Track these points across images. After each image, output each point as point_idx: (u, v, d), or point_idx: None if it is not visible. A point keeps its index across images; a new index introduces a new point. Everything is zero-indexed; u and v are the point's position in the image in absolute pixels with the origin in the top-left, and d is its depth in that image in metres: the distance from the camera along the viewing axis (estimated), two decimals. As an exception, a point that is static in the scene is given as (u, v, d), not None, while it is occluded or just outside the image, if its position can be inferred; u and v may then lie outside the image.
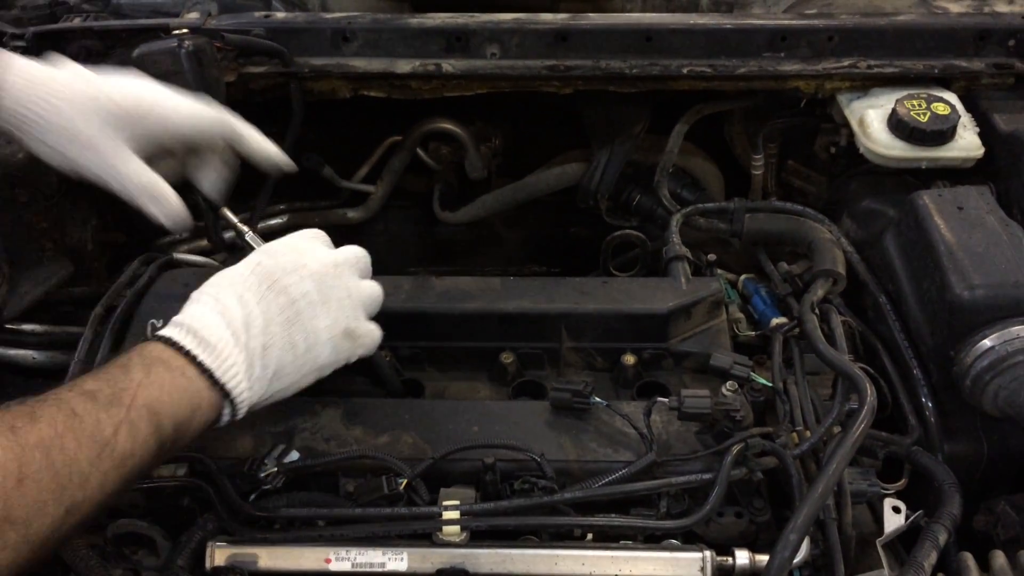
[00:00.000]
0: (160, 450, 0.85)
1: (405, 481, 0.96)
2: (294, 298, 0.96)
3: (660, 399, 1.02)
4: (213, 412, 0.90)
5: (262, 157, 1.13)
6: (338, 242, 1.65)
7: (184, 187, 1.56)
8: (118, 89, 1.03)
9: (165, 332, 0.91)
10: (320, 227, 1.59)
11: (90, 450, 0.78)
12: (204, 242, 1.57)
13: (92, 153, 1.01)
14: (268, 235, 1.55)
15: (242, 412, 0.91)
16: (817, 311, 1.17)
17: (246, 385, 0.90)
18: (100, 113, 1.01)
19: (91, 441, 0.79)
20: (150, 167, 1.05)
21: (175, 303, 1.12)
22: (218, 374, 0.88)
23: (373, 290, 1.03)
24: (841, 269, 1.23)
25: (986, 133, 1.30)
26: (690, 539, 0.98)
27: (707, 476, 0.97)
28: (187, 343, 0.89)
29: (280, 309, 0.95)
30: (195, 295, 0.96)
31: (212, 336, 0.90)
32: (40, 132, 1.01)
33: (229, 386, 0.89)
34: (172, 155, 1.11)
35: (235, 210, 1.58)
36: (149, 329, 1.11)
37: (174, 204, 1.05)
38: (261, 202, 1.47)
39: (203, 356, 0.88)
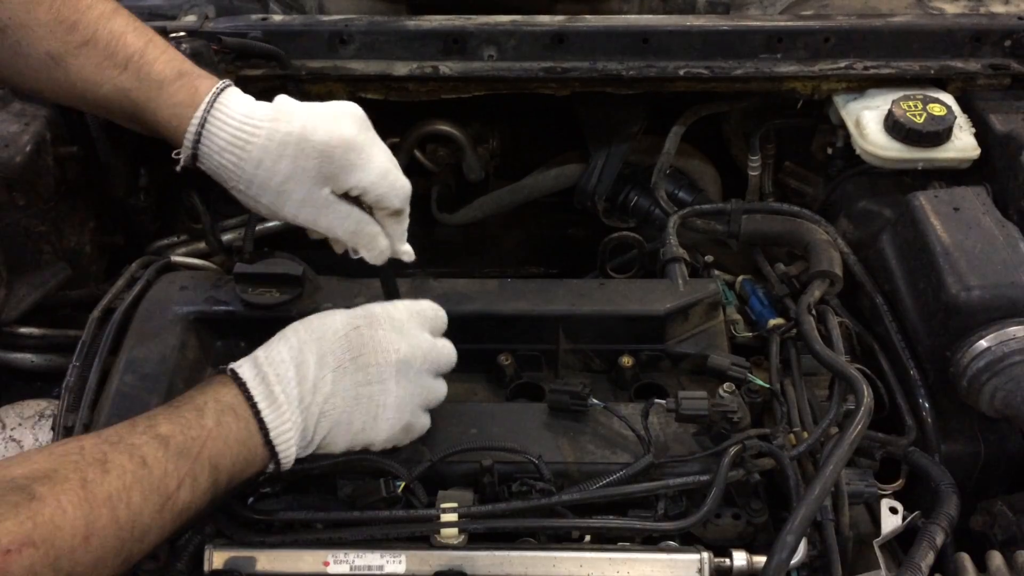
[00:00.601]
0: (213, 500, 0.88)
1: (403, 484, 0.97)
2: (370, 379, 0.96)
3: (658, 401, 1.02)
4: (261, 467, 0.92)
5: (396, 245, 1.08)
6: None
7: (179, 189, 1.57)
8: (324, 142, 0.97)
9: (244, 373, 0.92)
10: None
11: (154, 505, 0.80)
12: (202, 245, 1.57)
13: (296, 204, 0.99)
14: (266, 239, 1.56)
15: (284, 468, 0.93)
16: (814, 312, 1.17)
17: (294, 451, 0.92)
18: (300, 166, 0.97)
19: (156, 495, 0.81)
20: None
21: (173, 307, 1.14)
22: (273, 435, 0.90)
23: (442, 392, 1.02)
24: (838, 270, 1.23)
25: (982, 134, 1.31)
26: (688, 540, 0.98)
27: (705, 478, 0.97)
28: (257, 394, 0.91)
29: (353, 385, 0.95)
30: (288, 332, 0.96)
31: (281, 392, 0.91)
32: (242, 184, 0.99)
33: (279, 449, 0.91)
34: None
35: (233, 213, 1.59)
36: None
37: (382, 244, 1.04)
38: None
39: (266, 413, 0.90)
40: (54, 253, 1.30)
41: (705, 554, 0.95)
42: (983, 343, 1.06)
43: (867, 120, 1.32)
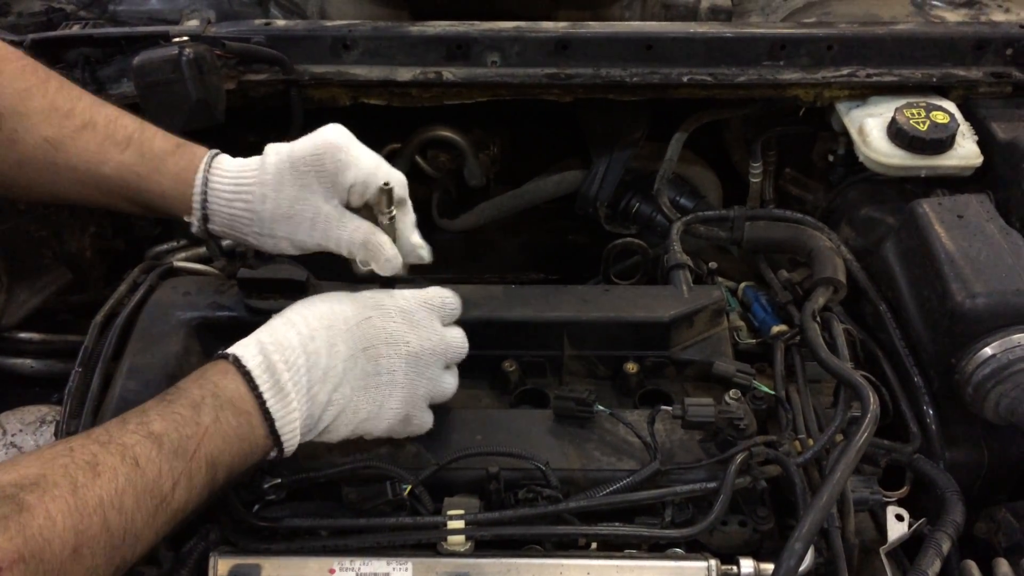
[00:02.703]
0: (210, 496, 0.86)
1: (409, 487, 0.96)
2: (379, 371, 0.96)
3: (664, 407, 1.02)
4: (261, 456, 0.90)
5: (411, 237, 1.08)
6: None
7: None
8: (311, 151, 1.00)
9: (249, 361, 0.89)
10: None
11: (148, 508, 0.78)
12: (202, 249, 1.57)
13: (308, 227, 1.00)
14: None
15: (286, 456, 0.92)
16: (818, 319, 1.17)
17: (298, 439, 0.91)
18: (300, 184, 0.99)
19: (149, 498, 0.78)
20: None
21: (176, 312, 1.13)
22: (279, 424, 0.89)
23: (451, 386, 1.02)
24: (842, 277, 1.23)
25: (984, 142, 1.31)
26: (694, 548, 0.98)
27: (711, 485, 0.97)
28: (263, 385, 0.88)
29: (362, 375, 0.95)
30: (294, 315, 0.95)
31: (289, 380, 0.89)
32: (255, 226, 1.02)
33: (284, 438, 0.90)
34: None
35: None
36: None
37: (391, 253, 1.02)
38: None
39: (272, 404, 0.88)
40: (54, 258, 1.30)
41: (712, 561, 0.95)
42: (988, 350, 1.06)
43: (870, 127, 1.32)
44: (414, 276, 1.64)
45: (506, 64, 1.36)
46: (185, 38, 1.30)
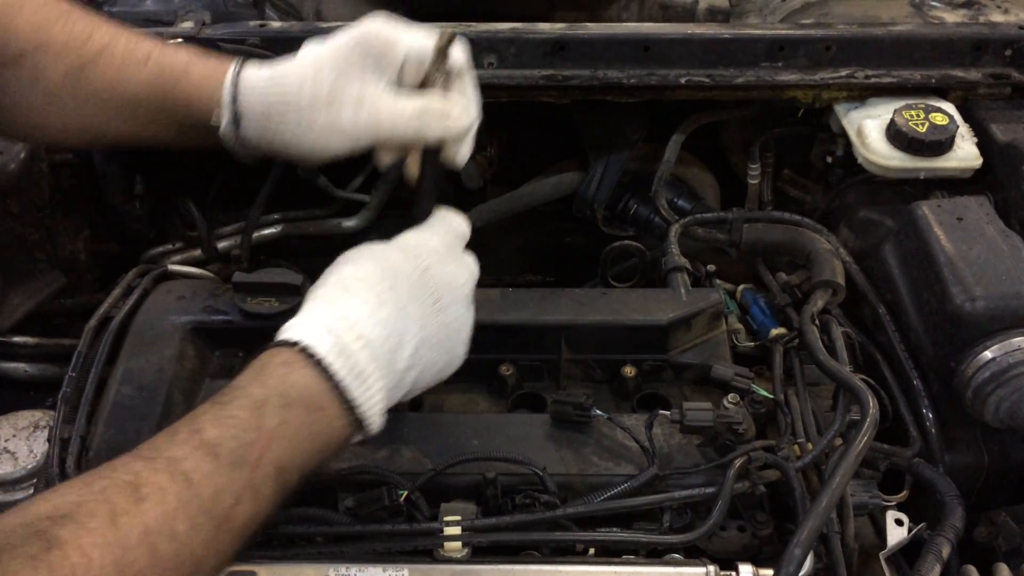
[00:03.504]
0: (280, 504, 0.76)
1: (405, 493, 0.95)
2: (449, 321, 0.89)
3: (662, 412, 1.01)
4: (340, 447, 0.82)
5: (472, 108, 0.97)
6: (334, 252, 1.65)
7: (175, 196, 1.55)
8: (354, 36, 0.93)
9: (320, 348, 0.79)
10: (315, 237, 1.60)
11: (206, 530, 0.67)
12: (197, 252, 1.56)
13: (352, 109, 0.91)
14: (263, 246, 1.55)
15: (369, 437, 0.84)
16: (817, 322, 1.16)
17: (381, 419, 0.83)
18: (342, 66, 0.92)
19: (207, 518, 0.68)
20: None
21: (170, 316, 1.12)
22: (362, 411, 0.80)
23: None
24: (840, 280, 1.22)
25: (984, 143, 1.30)
26: (693, 553, 0.97)
27: (710, 490, 0.96)
28: (341, 371, 0.79)
29: (437, 330, 0.88)
30: (352, 283, 0.85)
31: (367, 359, 0.80)
32: (292, 115, 0.93)
33: (368, 422, 0.81)
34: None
35: (229, 219, 1.58)
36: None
37: (455, 112, 0.92)
38: (255, 211, 1.46)
39: (353, 390, 0.79)
40: (48, 261, 1.29)
41: (711, 567, 0.94)
42: (988, 354, 1.05)
43: (869, 129, 1.31)
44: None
45: (503, 66, 1.35)
46: (180, 40, 1.29)
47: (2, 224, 1.23)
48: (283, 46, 1.34)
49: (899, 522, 1.02)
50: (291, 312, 1.10)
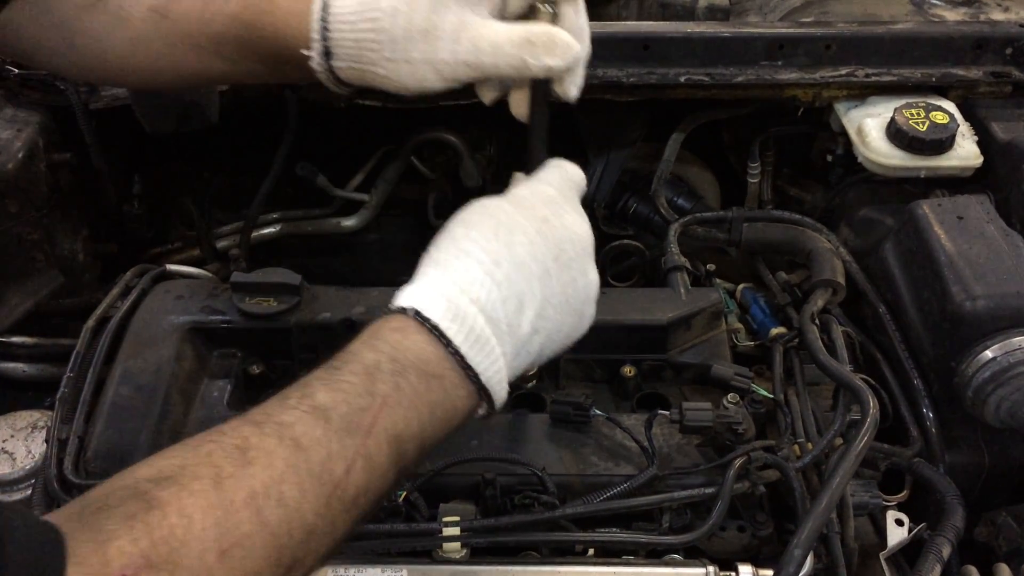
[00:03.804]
0: (398, 477, 0.72)
1: (404, 493, 0.95)
2: (574, 277, 0.81)
3: (661, 412, 1.01)
4: (464, 418, 0.76)
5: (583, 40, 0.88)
6: (333, 252, 1.65)
7: (177, 195, 1.55)
8: None
9: (433, 312, 0.73)
10: (314, 236, 1.60)
11: (316, 498, 0.64)
12: (196, 252, 1.56)
13: (450, 39, 0.83)
14: (262, 245, 1.55)
15: (497, 409, 0.77)
16: (817, 321, 1.16)
17: (506, 384, 0.76)
18: None
19: (318, 484, 0.64)
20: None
21: (169, 316, 1.12)
22: (484, 378, 0.74)
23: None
24: (840, 279, 1.22)
25: (984, 142, 1.30)
26: (692, 554, 0.97)
27: (710, 490, 0.96)
28: (457, 337, 0.73)
29: (560, 288, 0.79)
30: (464, 243, 0.78)
31: (485, 324, 0.74)
32: (387, 48, 0.85)
33: (494, 391, 0.75)
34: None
35: (228, 219, 1.58)
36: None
37: (562, 36, 0.83)
38: (254, 211, 1.45)
39: (472, 356, 0.73)
40: (47, 261, 1.29)
41: (710, 567, 0.94)
42: (988, 353, 1.05)
43: (869, 128, 1.31)
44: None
45: (502, 64, 1.35)
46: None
47: (0, 224, 1.22)
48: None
49: (899, 522, 1.02)
50: (289, 312, 1.11)
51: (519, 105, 0.92)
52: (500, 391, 0.76)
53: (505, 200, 0.83)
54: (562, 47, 0.83)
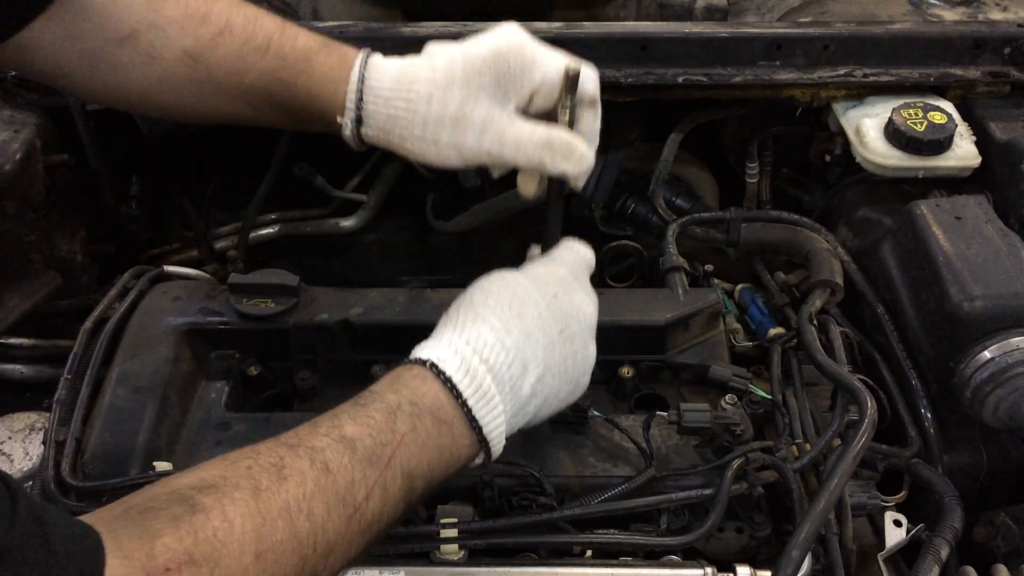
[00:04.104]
0: (407, 509, 0.80)
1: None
2: (576, 350, 0.90)
3: (659, 413, 1.01)
4: (464, 464, 0.84)
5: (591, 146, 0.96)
6: (331, 252, 1.64)
7: (172, 196, 1.55)
8: (492, 50, 0.91)
9: (447, 366, 0.82)
10: (312, 236, 1.60)
11: (339, 518, 0.72)
12: (194, 253, 1.56)
13: (477, 131, 0.90)
14: (260, 246, 1.55)
15: (494, 459, 0.86)
16: (815, 322, 1.16)
17: (504, 439, 0.85)
18: (475, 85, 0.90)
19: (341, 506, 0.72)
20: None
21: (166, 318, 1.12)
22: (486, 431, 0.82)
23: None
24: (839, 279, 1.22)
25: (982, 142, 1.30)
26: (690, 555, 0.97)
27: (708, 491, 0.96)
28: (466, 390, 0.82)
29: (562, 358, 0.89)
30: (482, 310, 0.86)
31: (492, 383, 0.83)
32: (417, 128, 0.91)
33: (492, 442, 0.83)
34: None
35: (226, 220, 1.58)
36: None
37: (579, 147, 0.91)
38: (252, 211, 1.45)
39: (478, 409, 0.82)
40: (44, 262, 1.29)
41: (708, 569, 0.94)
42: (987, 354, 1.05)
43: (867, 128, 1.31)
44: (409, 279, 1.64)
45: (500, 65, 1.35)
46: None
47: (-2, 226, 1.22)
48: (279, 46, 1.34)
49: (898, 523, 1.02)
50: (286, 313, 1.11)
51: (526, 186, 0.98)
52: (498, 443, 0.84)
53: (522, 274, 0.92)
54: (578, 156, 0.91)
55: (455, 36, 1.32)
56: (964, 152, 1.28)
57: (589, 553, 0.97)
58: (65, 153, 1.30)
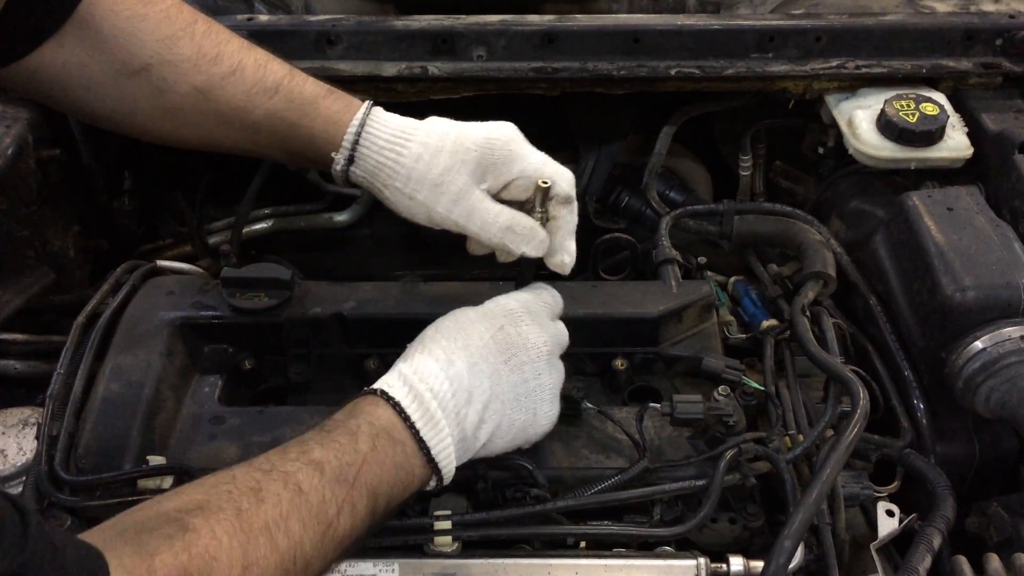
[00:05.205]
0: (372, 526, 0.85)
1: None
2: (526, 378, 0.94)
3: (652, 404, 1.01)
4: (421, 485, 0.89)
5: (564, 240, 1.02)
6: (325, 247, 1.64)
7: (165, 191, 1.55)
8: (483, 136, 0.99)
9: (396, 392, 0.89)
10: (306, 231, 1.60)
11: (314, 532, 0.78)
12: (187, 248, 1.56)
13: (451, 199, 0.97)
14: (253, 241, 1.55)
15: (445, 483, 0.90)
16: (808, 313, 1.16)
17: (455, 464, 0.90)
18: (460, 158, 0.97)
19: (315, 522, 0.78)
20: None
21: (159, 312, 1.12)
22: (434, 452, 0.88)
23: (563, 375, 1.00)
24: (831, 271, 1.22)
25: (974, 133, 1.30)
26: (684, 546, 0.97)
27: (701, 482, 0.96)
28: (414, 414, 0.88)
29: (511, 387, 0.93)
30: (429, 343, 0.93)
31: (437, 408, 0.88)
32: (399, 180, 0.98)
33: (441, 464, 0.88)
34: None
35: (219, 214, 1.57)
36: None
37: (540, 234, 0.99)
38: (246, 207, 1.45)
39: (425, 432, 0.87)
40: (37, 258, 1.28)
41: (701, 559, 0.94)
42: (978, 344, 1.05)
43: (860, 120, 1.31)
44: (403, 273, 1.63)
45: (492, 58, 1.35)
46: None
47: (-10, 221, 1.22)
48: (271, 40, 1.34)
49: (890, 513, 1.02)
50: (279, 307, 1.11)
51: (474, 248, 1.05)
52: (448, 467, 0.89)
53: (473, 310, 0.98)
54: (539, 240, 0.99)
55: (448, 30, 1.34)
56: (956, 143, 1.29)
57: (583, 544, 0.98)
58: (57, 148, 1.29)
